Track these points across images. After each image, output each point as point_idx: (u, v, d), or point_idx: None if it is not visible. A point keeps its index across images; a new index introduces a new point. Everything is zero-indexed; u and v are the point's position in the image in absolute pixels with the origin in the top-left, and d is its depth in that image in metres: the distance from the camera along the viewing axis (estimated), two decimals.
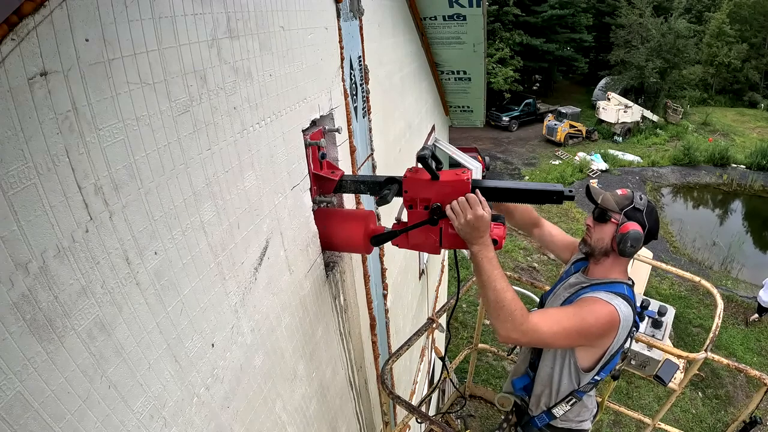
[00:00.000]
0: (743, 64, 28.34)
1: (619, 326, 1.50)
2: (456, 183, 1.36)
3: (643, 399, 8.90)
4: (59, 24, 0.60)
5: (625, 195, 1.62)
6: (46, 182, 0.60)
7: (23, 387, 0.59)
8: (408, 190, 1.40)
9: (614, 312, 1.48)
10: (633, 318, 1.55)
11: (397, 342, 3.21)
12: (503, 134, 23.80)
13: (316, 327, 1.63)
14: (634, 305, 1.57)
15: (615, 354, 1.59)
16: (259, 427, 1.26)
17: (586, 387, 1.67)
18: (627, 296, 1.56)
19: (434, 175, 1.35)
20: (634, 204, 1.59)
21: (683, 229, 15.67)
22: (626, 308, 1.52)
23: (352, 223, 1.58)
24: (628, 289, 1.60)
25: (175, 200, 0.86)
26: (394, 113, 3.10)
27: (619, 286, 1.60)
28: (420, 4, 3.75)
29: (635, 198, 1.61)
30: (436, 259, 6.07)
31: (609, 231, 1.61)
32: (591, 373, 1.62)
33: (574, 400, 1.69)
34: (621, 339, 1.55)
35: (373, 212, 1.64)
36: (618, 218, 1.59)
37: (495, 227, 1.41)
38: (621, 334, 1.53)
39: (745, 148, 21.29)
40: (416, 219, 1.43)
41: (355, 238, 1.56)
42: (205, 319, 0.98)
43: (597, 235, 1.64)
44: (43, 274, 0.61)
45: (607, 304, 1.49)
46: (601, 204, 1.62)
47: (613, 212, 1.61)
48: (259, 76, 1.15)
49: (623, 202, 1.60)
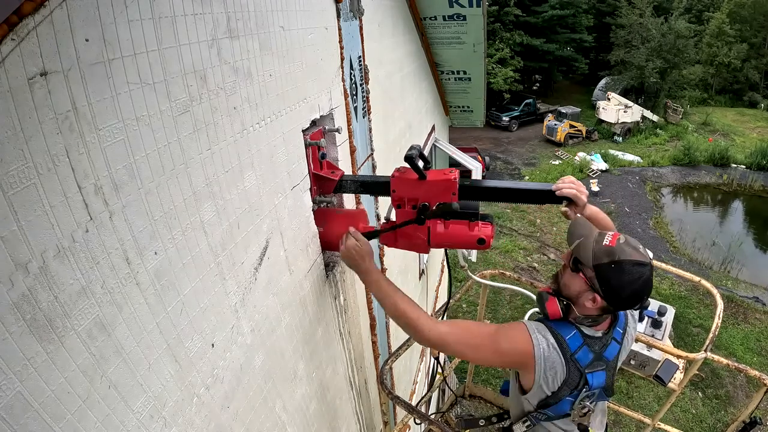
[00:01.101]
0: (743, 64, 28.34)
1: (536, 361, 1.32)
2: (443, 182, 1.37)
3: (643, 399, 8.90)
4: (59, 24, 0.60)
5: (609, 248, 1.26)
6: (46, 182, 0.61)
7: (23, 387, 0.59)
8: (396, 189, 1.42)
9: (528, 343, 1.32)
10: (566, 369, 1.33)
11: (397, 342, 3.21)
12: (503, 134, 23.80)
13: (316, 327, 1.63)
14: (571, 356, 1.34)
15: (554, 399, 1.38)
16: (259, 427, 1.26)
17: (540, 415, 1.46)
18: (562, 339, 1.34)
19: (421, 174, 1.36)
20: (614, 258, 1.24)
21: (683, 229, 15.67)
22: (549, 347, 1.32)
23: (342, 221, 1.60)
24: (575, 337, 1.35)
25: (175, 200, 0.86)
26: (394, 113, 3.10)
27: (565, 328, 1.37)
28: (420, 4, 3.75)
29: (621, 253, 1.24)
30: (436, 259, 6.07)
31: (577, 284, 1.33)
32: (529, 396, 1.43)
33: (528, 422, 1.52)
34: (549, 382, 1.34)
35: (364, 211, 1.65)
36: (588, 274, 1.29)
37: (483, 226, 1.41)
38: (546, 375, 1.34)
39: (745, 148, 21.29)
40: (404, 218, 1.44)
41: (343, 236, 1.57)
42: (205, 319, 0.98)
43: (565, 280, 1.38)
44: (43, 274, 0.61)
45: (525, 333, 1.34)
46: (574, 252, 1.34)
47: (584, 266, 1.30)
48: (259, 76, 1.15)
49: (601, 257, 1.26)
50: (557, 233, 14.24)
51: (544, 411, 1.45)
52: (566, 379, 1.36)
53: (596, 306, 1.32)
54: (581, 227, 1.40)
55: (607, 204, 16.31)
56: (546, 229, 14.83)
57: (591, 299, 1.31)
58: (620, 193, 17.31)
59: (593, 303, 1.32)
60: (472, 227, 1.41)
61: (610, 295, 1.27)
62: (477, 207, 1.43)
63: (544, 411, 1.45)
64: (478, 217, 1.41)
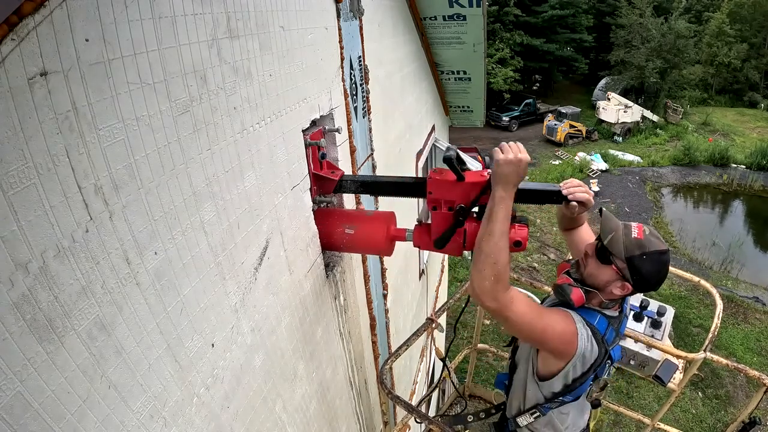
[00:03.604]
0: (743, 64, 28.34)
1: (578, 347, 1.39)
2: (482, 184, 1.34)
3: (643, 399, 8.90)
4: (59, 24, 0.60)
5: (639, 240, 1.37)
6: (46, 182, 0.61)
7: (23, 387, 0.59)
8: (432, 191, 1.38)
9: (575, 331, 1.39)
10: (598, 352, 1.42)
11: (397, 342, 3.21)
12: (503, 134, 23.78)
13: (316, 327, 1.63)
14: (602, 339, 1.43)
15: (581, 380, 1.46)
16: (259, 427, 1.26)
17: (552, 404, 1.54)
18: (593, 327, 1.43)
19: (460, 176, 1.34)
20: (645, 250, 1.35)
21: (683, 229, 15.68)
22: (587, 342, 1.40)
23: (377, 223, 1.57)
24: (601, 320, 1.46)
25: (175, 200, 0.86)
26: (394, 113, 3.10)
27: (590, 315, 1.45)
28: (420, 4, 3.75)
29: (649, 245, 1.36)
30: (436, 259, 6.07)
31: (606, 274, 1.42)
32: (548, 384, 1.50)
33: (537, 413, 1.57)
34: (578, 368, 1.43)
35: (393, 213, 1.63)
36: (620, 265, 1.38)
37: (519, 228, 1.38)
38: (573, 363, 1.41)
39: (745, 148, 21.29)
40: (440, 220, 1.41)
41: (377, 238, 1.55)
42: (205, 319, 0.98)
43: (591, 270, 1.46)
44: (43, 274, 0.61)
45: (573, 322, 1.40)
46: (607, 246, 1.41)
47: (616, 257, 1.39)
48: (259, 76, 1.15)
49: (633, 250, 1.36)
50: (557, 233, 14.23)
51: (562, 398, 1.50)
52: (595, 360, 1.44)
53: (624, 292, 1.42)
54: (611, 221, 1.45)
55: (607, 204, 16.31)
56: (546, 229, 14.84)
57: (620, 287, 1.42)
58: (620, 193, 17.31)
59: (622, 290, 1.42)
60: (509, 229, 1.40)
61: (641, 282, 1.39)
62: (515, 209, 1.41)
63: (562, 398, 1.50)
64: (515, 220, 1.39)
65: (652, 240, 1.37)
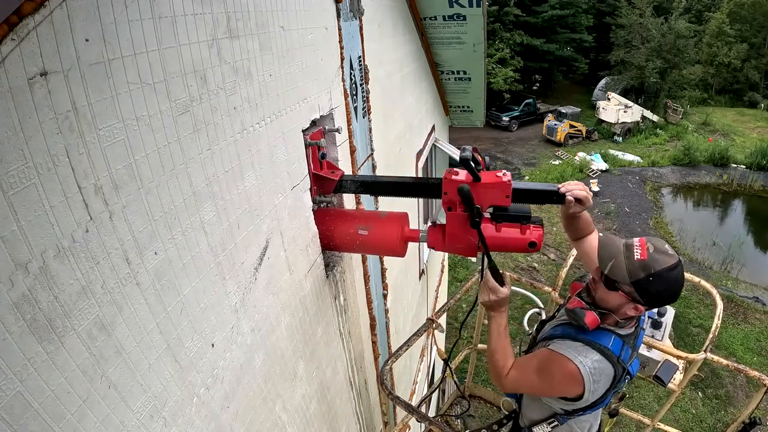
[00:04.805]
0: (743, 64, 28.33)
1: (585, 381, 1.36)
2: (498, 185, 1.34)
3: (643, 399, 8.90)
4: (59, 24, 0.60)
5: (643, 262, 1.29)
6: (46, 182, 0.61)
7: (23, 387, 0.59)
8: (448, 191, 1.37)
9: (575, 371, 1.36)
10: (615, 369, 1.40)
11: (397, 342, 3.21)
12: (503, 134, 23.80)
13: (316, 327, 1.63)
14: (618, 360, 1.40)
15: (601, 399, 1.45)
16: (259, 427, 1.26)
17: (571, 416, 1.55)
18: (607, 349, 1.40)
19: (476, 177, 1.33)
20: (651, 272, 1.27)
21: (683, 229, 15.67)
22: (595, 363, 1.37)
23: (392, 224, 1.56)
24: (615, 341, 1.41)
25: (175, 200, 0.86)
26: (394, 113, 3.10)
27: (604, 337, 1.42)
28: (420, 4, 3.75)
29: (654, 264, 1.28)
30: (436, 259, 6.07)
31: (616, 299, 1.38)
32: (570, 405, 1.49)
33: (555, 423, 1.58)
34: (599, 390, 1.40)
35: (406, 214, 1.62)
36: (627, 290, 1.33)
37: (534, 229, 1.39)
38: (595, 387, 1.38)
39: (745, 148, 21.29)
40: (455, 222, 1.40)
41: (391, 239, 1.54)
42: (205, 319, 0.98)
43: (601, 295, 1.42)
44: (43, 274, 0.61)
45: (568, 362, 1.38)
46: (608, 275, 1.36)
47: (622, 284, 1.34)
48: (259, 76, 1.15)
49: (637, 273, 1.29)
50: (557, 233, 14.23)
51: (584, 413, 1.52)
52: (613, 379, 1.43)
53: (639, 312, 1.39)
54: (609, 247, 1.38)
55: (607, 204, 16.31)
56: (546, 228, 14.79)
57: (633, 308, 1.38)
58: (620, 193, 17.31)
59: (636, 311, 1.38)
60: (524, 230, 1.39)
61: (652, 301, 1.34)
62: (529, 210, 1.40)
63: (584, 413, 1.52)
64: (530, 220, 1.38)
65: (657, 258, 1.28)
